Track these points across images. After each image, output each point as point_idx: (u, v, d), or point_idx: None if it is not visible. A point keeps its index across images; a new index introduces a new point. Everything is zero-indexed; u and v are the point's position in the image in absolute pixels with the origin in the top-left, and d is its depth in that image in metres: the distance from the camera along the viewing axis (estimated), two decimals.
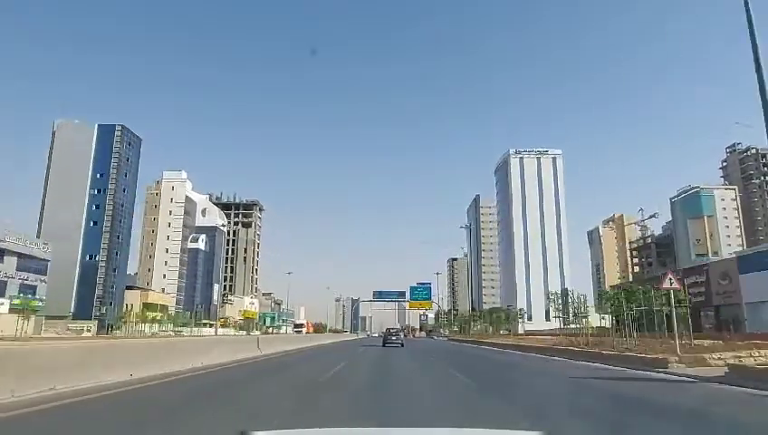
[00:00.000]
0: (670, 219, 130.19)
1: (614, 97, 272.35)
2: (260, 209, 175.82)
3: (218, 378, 12.09)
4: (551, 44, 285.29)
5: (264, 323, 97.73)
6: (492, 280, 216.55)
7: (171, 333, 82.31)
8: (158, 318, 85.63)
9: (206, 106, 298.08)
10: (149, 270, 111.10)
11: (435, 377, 14.60)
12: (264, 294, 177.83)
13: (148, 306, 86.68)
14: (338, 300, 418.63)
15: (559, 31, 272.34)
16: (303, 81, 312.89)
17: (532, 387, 12.50)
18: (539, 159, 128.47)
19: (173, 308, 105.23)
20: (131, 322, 79.60)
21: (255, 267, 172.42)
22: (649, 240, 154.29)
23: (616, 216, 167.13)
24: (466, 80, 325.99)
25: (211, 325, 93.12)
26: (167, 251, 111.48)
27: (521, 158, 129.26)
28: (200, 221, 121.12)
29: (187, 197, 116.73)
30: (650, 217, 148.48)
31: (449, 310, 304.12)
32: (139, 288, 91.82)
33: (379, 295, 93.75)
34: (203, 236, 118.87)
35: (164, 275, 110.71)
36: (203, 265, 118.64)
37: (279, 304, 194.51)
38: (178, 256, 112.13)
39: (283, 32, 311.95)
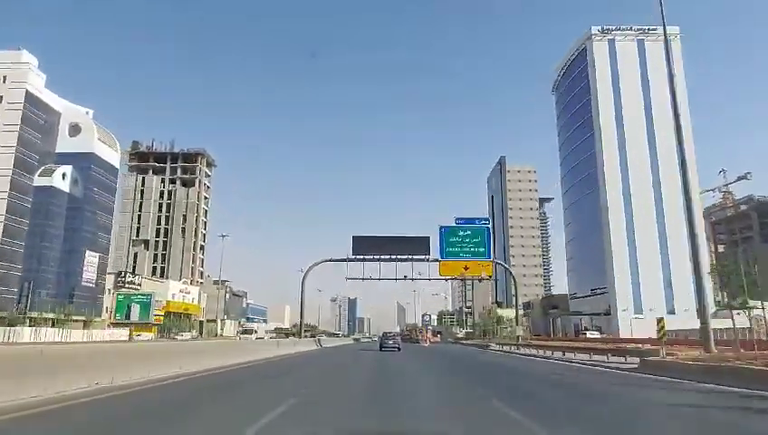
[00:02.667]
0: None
1: None
2: (208, 164, 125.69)
3: None
4: None
5: (127, 315, 47.33)
6: (524, 265, 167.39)
7: None
8: None
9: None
10: None
11: None
12: (215, 282, 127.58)
13: None
14: (333, 300, 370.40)
15: None
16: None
17: None
18: (641, 41, 77.16)
19: None
20: None
21: (201, 244, 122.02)
22: (744, 208, 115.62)
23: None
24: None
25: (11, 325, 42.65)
26: None
27: (610, 40, 77.67)
28: (67, 145, 70.76)
29: (34, 98, 66.50)
30: (738, 179, 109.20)
31: (460, 308, 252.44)
32: None
33: (371, 247, 41.37)
34: (66, 170, 68.80)
35: None
36: (65, 219, 68.32)
37: (240, 298, 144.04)
38: (6, 196, 61.95)
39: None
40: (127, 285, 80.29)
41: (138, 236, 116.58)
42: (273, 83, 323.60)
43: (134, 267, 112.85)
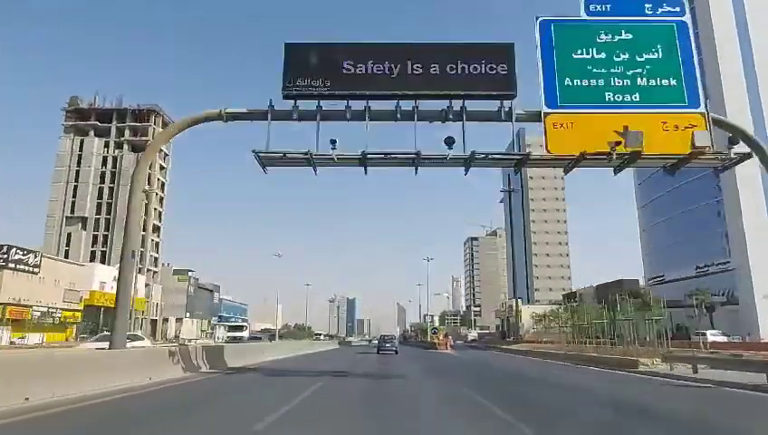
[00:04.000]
0: None
1: None
2: (165, 125, 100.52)
3: None
4: None
5: None
6: (547, 255, 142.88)
7: None
8: None
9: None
10: None
11: None
12: (176, 272, 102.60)
13: None
14: (331, 301, 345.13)
15: None
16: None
17: None
18: None
19: None
20: None
21: (155, 223, 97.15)
22: None
23: None
24: None
25: None
26: None
27: None
28: None
29: None
30: None
31: (468, 306, 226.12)
32: None
33: (348, 79, 13.61)
34: None
35: None
36: None
37: (210, 292, 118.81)
38: None
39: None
40: (11, 264, 55.42)
41: (72, 212, 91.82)
42: (273, 83, 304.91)
43: (66, 252, 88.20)
